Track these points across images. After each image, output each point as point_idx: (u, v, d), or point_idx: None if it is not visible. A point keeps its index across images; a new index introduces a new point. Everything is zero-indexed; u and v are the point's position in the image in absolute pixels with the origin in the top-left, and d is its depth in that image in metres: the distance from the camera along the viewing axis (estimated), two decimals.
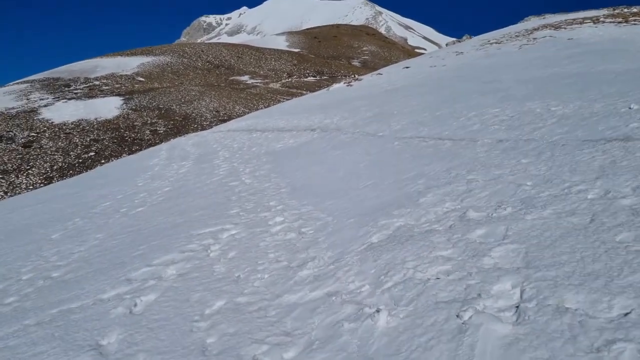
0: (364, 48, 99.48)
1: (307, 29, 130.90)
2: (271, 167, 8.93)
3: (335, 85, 25.30)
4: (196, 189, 8.09)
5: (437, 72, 19.72)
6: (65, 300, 3.84)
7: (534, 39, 22.90)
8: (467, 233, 3.32)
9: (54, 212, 9.27)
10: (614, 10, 29.50)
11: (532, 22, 34.33)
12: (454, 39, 42.96)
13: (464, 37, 39.15)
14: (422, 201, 4.40)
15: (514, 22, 38.08)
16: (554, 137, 5.55)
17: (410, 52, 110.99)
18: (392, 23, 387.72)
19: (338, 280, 3.16)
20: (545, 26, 27.05)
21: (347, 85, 23.61)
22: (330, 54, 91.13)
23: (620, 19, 23.99)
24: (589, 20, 25.35)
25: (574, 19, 27.72)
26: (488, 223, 3.42)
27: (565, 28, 24.21)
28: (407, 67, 24.88)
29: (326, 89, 26.99)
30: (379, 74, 25.94)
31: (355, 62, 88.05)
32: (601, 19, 25.09)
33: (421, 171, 5.61)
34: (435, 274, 2.86)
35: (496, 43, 24.96)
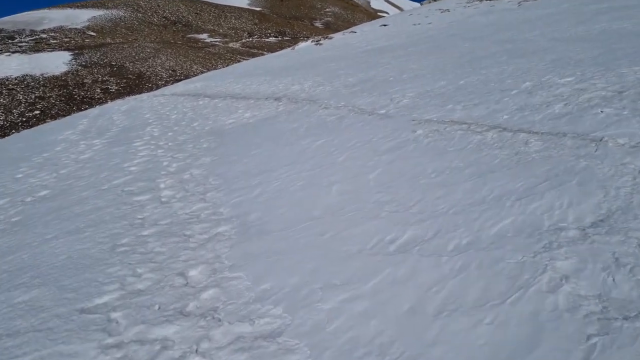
0: (327, 9, 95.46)
1: None
2: (212, 161, 5.59)
3: (302, 44, 21.67)
4: (75, 205, 4.67)
5: (425, 30, 16.46)
6: None
7: None
8: None
9: None
10: None
11: None
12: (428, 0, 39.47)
13: None
14: None
15: None
16: None
17: (373, 15, 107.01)
18: None
19: None
20: None
21: (316, 44, 20.05)
22: (292, 14, 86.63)
23: None
24: None
25: None
26: None
27: None
28: (384, 25, 21.46)
29: (291, 48, 23.33)
30: (353, 32, 22.43)
31: (318, 24, 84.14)
32: None
33: (532, 218, 2.47)
34: None
35: (485, 0, 21.83)
